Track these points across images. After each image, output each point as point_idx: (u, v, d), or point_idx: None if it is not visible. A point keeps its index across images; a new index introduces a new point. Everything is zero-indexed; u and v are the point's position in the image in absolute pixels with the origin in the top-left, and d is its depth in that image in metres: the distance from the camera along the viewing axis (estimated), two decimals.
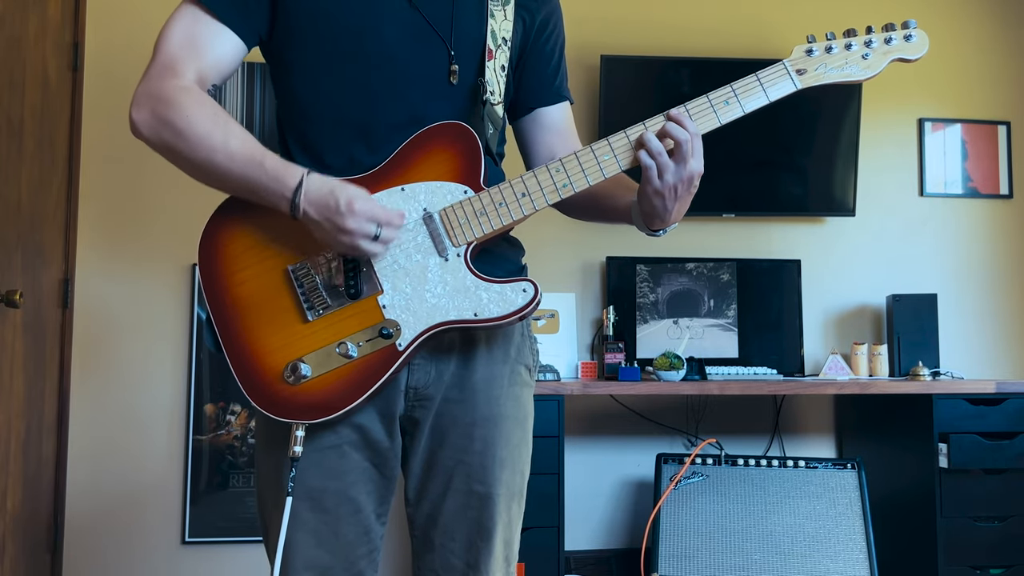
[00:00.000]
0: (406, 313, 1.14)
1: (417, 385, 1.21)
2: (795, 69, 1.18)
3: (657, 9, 3.34)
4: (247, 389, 1.14)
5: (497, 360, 1.24)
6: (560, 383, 2.69)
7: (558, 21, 1.37)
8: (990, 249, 3.47)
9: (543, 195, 1.17)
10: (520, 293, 1.15)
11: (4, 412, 2.37)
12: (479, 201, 1.16)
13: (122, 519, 2.88)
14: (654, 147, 1.14)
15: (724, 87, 1.17)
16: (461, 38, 1.23)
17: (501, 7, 1.27)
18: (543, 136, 1.35)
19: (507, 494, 1.23)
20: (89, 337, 2.89)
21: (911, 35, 1.18)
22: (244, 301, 1.15)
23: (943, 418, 2.74)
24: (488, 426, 1.22)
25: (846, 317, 3.36)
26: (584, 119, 3.23)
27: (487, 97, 1.22)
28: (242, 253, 1.16)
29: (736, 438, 3.22)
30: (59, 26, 2.75)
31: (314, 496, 1.18)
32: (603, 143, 1.17)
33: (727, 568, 2.58)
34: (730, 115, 1.16)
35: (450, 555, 1.22)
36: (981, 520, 2.76)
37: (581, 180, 1.16)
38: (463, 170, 1.17)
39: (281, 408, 1.13)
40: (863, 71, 1.18)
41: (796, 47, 1.18)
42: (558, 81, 1.36)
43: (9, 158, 2.38)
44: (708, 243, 3.29)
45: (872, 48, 1.18)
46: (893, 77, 3.46)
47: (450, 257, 1.15)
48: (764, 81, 1.18)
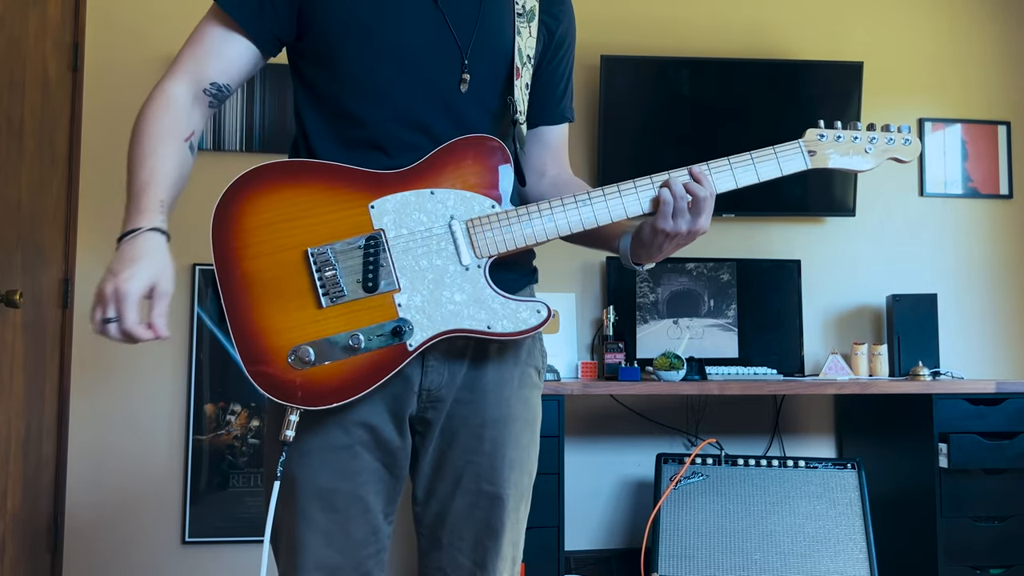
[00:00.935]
0: (420, 315, 1.15)
1: (431, 387, 1.22)
2: (808, 150, 1.27)
3: (657, 9, 3.34)
4: (248, 365, 1.12)
5: (507, 362, 1.26)
6: (560, 383, 2.69)
7: (572, 40, 1.39)
8: (990, 249, 3.47)
9: (568, 223, 1.21)
10: (534, 313, 1.17)
11: (4, 412, 2.37)
12: (506, 218, 1.18)
13: (122, 519, 2.88)
14: (677, 190, 1.19)
15: (744, 154, 1.26)
16: (486, 49, 1.23)
17: (527, 23, 1.28)
18: (538, 152, 1.38)
19: (516, 495, 1.25)
20: (89, 337, 2.89)
21: (908, 140, 1.31)
22: (256, 276, 1.14)
23: (943, 418, 2.74)
24: (498, 427, 1.23)
25: (846, 317, 3.36)
26: (584, 119, 3.23)
27: (516, 117, 1.25)
28: (262, 227, 1.15)
29: (736, 438, 3.22)
30: (59, 26, 2.75)
31: (324, 496, 1.18)
32: (629, 184, 1.22)
33: (727, 568, 2.58)
34: (746, 179, 1.25)
35: (458, 554, 1.23)
36: (981, 520, 2.76)
37: (605, 215, 1.21)
38: (493, 185, 1.20)
39: (279, 390, 1.12)
40: (864, 163, 1.30)
41: (809, 130, 1.29)
42: (564, 101, 1.39)
43: (9, 158, 2.38)
44: (708, 243, 3.28)
45: (874, 144, 1.30)
46: (893, 77, 3.47)
47: (470, 267, 1.17)
48: (780, 155, 1.27)
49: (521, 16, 1.27)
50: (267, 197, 1.15)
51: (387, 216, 1.16)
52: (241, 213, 1.15)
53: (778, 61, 3.28)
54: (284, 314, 1.13)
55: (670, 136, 3.22)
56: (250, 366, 1.12)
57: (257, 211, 1.15)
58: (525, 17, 1.28)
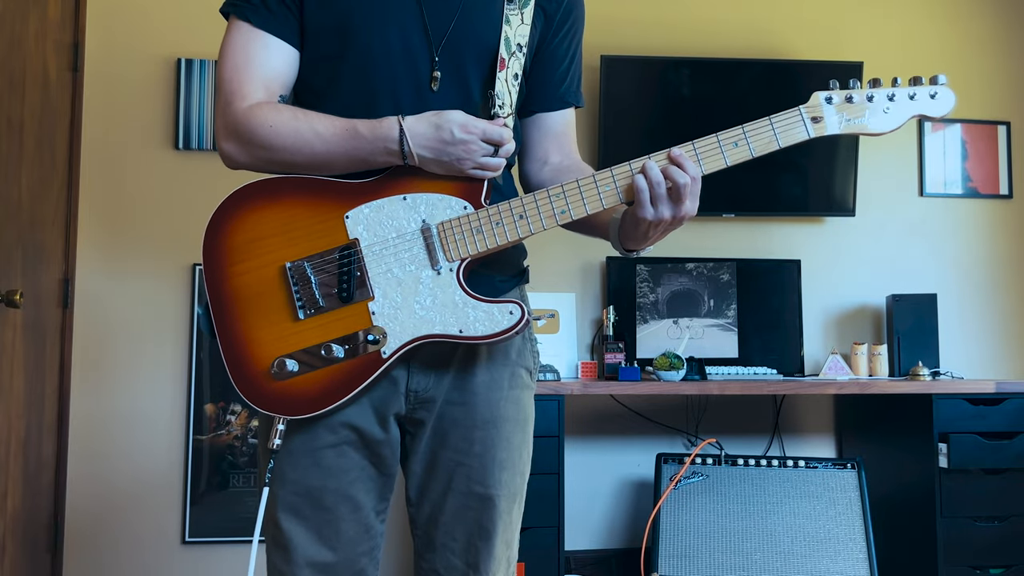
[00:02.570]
0: (393, 322, 1.16)
1: (417, 388, 1.22)
2: (811, 116, 1.15)
3: (657, 9, 3.34)
4: (235, 378, 1.17)
5: (497, 363, 1.25)
6: (560, 383, 2.69)
7: (576, 21, 1.33)
8: (990, 249, 3.47)
9: (541, 220, 1.17)
10: (506, 315, 1.15)
11: (4, 412, 2.37)
12: (477, 219, 1.16)
13: (122, 519, 2.88)
14: (653, 176, 1.13)
15: (736, 128, 1.15)
16: (464, 43, 1.22)
17: (518, 10, 1.25)
18: (539, 139, 1.34)
19: (507, 495, 1.24)
20: (89, 337, 2.89)
21: (936, 92, 1.15)
22: (242, 292, 1.17)
23: (943, 418, 2.74)
24: (488, 428, 1.23)
25: (846, 317, 3.36)
26: (584, 119, 3.23)
27: (495, 111, 1.21)
28: (246, 244, 1.18)
29: (736, 438, 3.22)
30: (59, 26, 2.75)
31: (314, 495, 1.19)
32: (606, 173, 1.17)
33: (727, 568, 2.58)
34: (738, 157, 1.14)
35: (451, 555, 1.24)
36: (981, 520, 2.76)
37: (580, 208, 1.16)
38: (465, 185, 1.17)
39: (265, 401, 1.16)
40: (881, 124, 1.15)
41: (815, 93, 1.14)
42: (564, 86, 1.33)
43: (9, 158, 2.38)
44: (708, 243, 3.29)
45: (894, 102, 1.15)
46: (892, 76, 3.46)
47: (443, 271, 1.16)
48: (776, 125, 1.15)
49: (512, 3, 1.24)
50: (252, 215, 1.18)
51: (361, 225, 1.17)
52: (228, 232, 1.18)
53: (778, 61, 3.28)
54: (266, 328, 1.17)
55: (670, 136, 3.20)
56: (237, 379, 1.17)
57: (242, 230, 1.18)
58: (517, 4, 1.24)
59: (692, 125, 3.22)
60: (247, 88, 1.19)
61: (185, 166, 2.96)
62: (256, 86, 1.19)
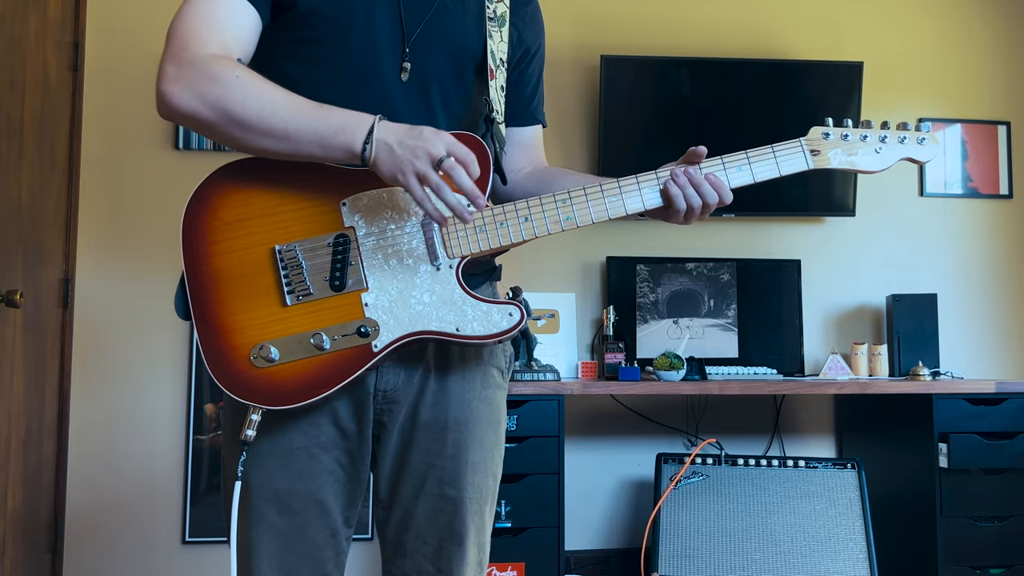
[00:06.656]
0: (387, 315, 1.12)
1: (386, 388, 1.19)
2: (810, 149, 1.20)
3: (657, 9, 3.34)
4: (210, 363, 1.10)
5: (470, 363, 1.23)
6: (560, 383, 2.69)
7: (542, 45, 1.38)
8: (990, 249, 3.47)
9: (546, 224, 1.16)
10: (506, 316, 1.13)
11: (4, 412, 2.37)
12: (482, 218, 1.15)
13: (122, 519, 2.88)
14: (691, 200, 1.18)
15: (739, 154, 1.19)
16: (435, 42, 1.21)
17: (498, 28, 1.27)
18: (512, 151, 1.36)
19: (479, 498, 1.22)
20: (89, 337, 2.89)
21: (924, 139, 1.22)
22: (223, 272, 1.12)
23: (943, 418, 2.74)
24: (460, 429, 1.20)
25: (846, 317, 3.36)
26: (584, 119, 3.23)
27: (494, 116, 1.22)
28: (232, 222, 1.13)
29: (736, 438, 3.22)
30: (59, 26, 2.75)
31: (282, 499, 1.16)
32: (613, 183, 1.17)
33: (727, 568, 2.58)
34: (740, 180, 1.19)
35: (423, 559, 1.21)
36: (981, 520, 2.76)
37: (586, 217, 1.16)
38: None
39: (242, 389, 1.09)
40: (873, 163, 1.21)
41: (814, 128, 1.21)
42: (534, 104, 1.38)
43: (9, 158, 2.38)
44: (708, 243, 3.29)
45: (885, 144, 1.22)
46: (893, 77, 3.46)
47: (442, 267, 1.14)
48: (778, 154, 1.20)
49: (493, 20, 1.26)
50: (238, 193, 1.13)
51: (358, 214, 1.13)
52: (212, 209, 1.13)
53: (778, 61, 3.28)
54: (249, 311, 1.11)
55: (670, 136, 3.22)
56: (212, 363, 1.10)
57: (228, 207, 1.13)
58: (496, 22, 1.27)
59: (692, 125, 3.22)
60: (208, 38, 1.09)
61: (185, 166, 2.97)
62: (216, 40, 1.09)
